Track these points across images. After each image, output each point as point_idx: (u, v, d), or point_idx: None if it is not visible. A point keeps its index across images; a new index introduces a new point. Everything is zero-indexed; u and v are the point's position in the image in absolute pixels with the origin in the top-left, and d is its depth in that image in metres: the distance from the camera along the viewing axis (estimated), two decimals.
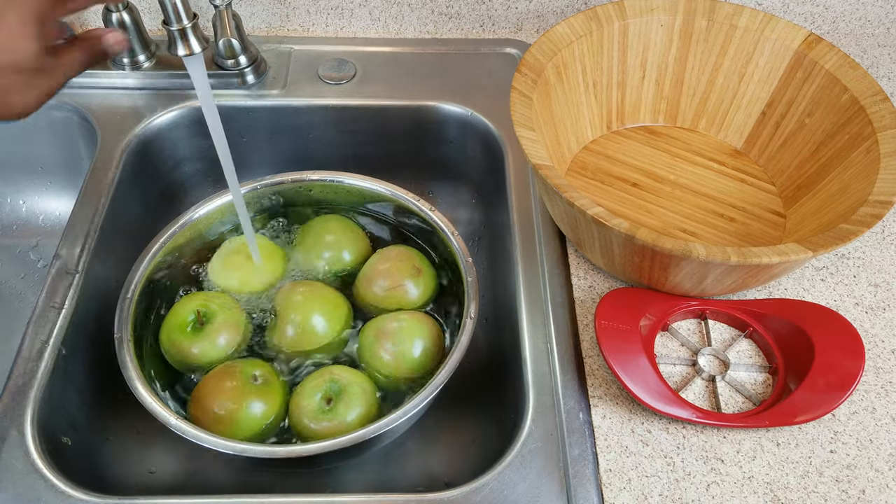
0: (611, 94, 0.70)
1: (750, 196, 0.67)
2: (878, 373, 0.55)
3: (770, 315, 0.57)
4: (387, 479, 0.62)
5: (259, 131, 0.76)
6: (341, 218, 0.67)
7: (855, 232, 0.50)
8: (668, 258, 0.51)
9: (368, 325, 0.60)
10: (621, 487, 0.49)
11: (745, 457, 0.51)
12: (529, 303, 0.59)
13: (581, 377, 0.55)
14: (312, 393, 0.55)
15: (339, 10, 0.80)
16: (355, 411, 0.54)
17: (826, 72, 0.62)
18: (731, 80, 0.68)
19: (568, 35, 0.64)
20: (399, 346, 0.57)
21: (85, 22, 0.81)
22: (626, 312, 0.56)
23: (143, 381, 0.52)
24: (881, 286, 0.61)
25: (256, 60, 0.74)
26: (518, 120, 0.57)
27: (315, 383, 0.55)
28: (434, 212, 0.62)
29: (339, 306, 0.61)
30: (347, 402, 0.54)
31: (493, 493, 0.49)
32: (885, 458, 0.51)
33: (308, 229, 0.66)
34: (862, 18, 0.82)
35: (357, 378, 0.56)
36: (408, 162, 0.79)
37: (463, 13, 0.80)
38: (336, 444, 0.49)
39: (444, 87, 0.76)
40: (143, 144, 0.71)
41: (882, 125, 0.57)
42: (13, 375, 0.54)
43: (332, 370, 0.56)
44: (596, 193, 0.67)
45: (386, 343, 0.57)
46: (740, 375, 0.56)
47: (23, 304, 0.75)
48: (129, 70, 0.73)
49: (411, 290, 0.61)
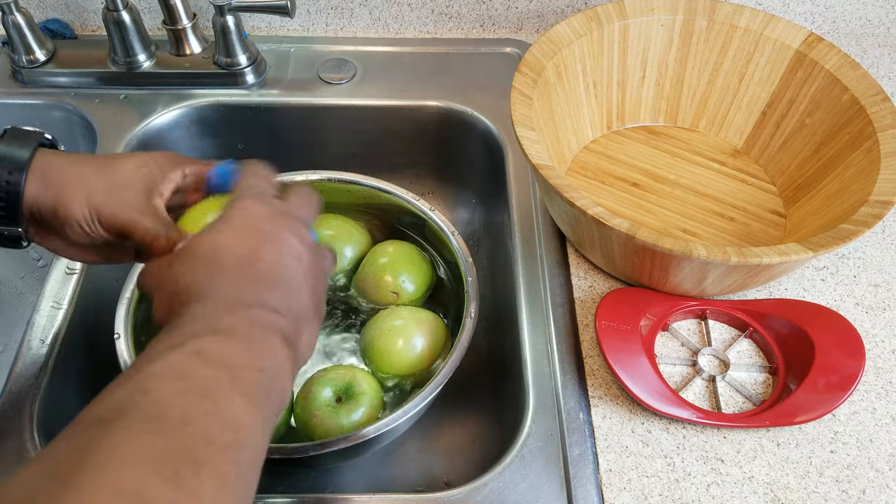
0: (611, 94, 0.70)
1: (750, 196, 0.67)
2: (878, 373, 0.55)
3: (770, 315, 0.57)
4: (387, 479, 0.62)
5: (259, 131, 0.76)
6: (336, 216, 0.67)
7: (855, 232, 0.50)
8: (668, 258, 0.51)
9: (372, 320, 0.60)
10: (621, 487, 0.49)
11: (745, 457, 0.51)
12: (529, 303, 0.59)
13: (581, 377, 0.55)
14: (323, 386, 0.54)
15: (339, 9, 0.80)
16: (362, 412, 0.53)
17: (826, 72, 0.62)
18: (731, 79, 0.68)
19: (568, 35, 0.64)
20: (405, 341, 0.57)
21: (85, 21, 0.81)
22: (626, 312, 0.56)
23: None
24: (881, 286, 0.61)
25: (256, 60, 0.74)
26: (518, 120, 0.57)
27: (328, 377, 0.55)
28: (434, 212, 0.61)
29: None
30: (356, 403, 0.54)
31: (493, 493, 0.49)
32: (885, 459, 0.51)
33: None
34: (862, 18, 0.82)
35: (368, 380, 0.56)
36: (408, 162, 0.79)
37: (463, 13, 0.80)
38: (336, 444, 0.49)
39: (444, 86, 0.75)
40: (143, 144, 0.71)
41: (882, 125, 0.57)
42: (13, 375, 0.54)
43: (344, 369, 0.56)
44: (596, 193, 0.67)
45: (391, 339, 0.57)
46: (740, 375, 0.56)
47: (23, 304, 0.75)
48: (129, 70, 0.73)
49: (407, 285, 0.61)
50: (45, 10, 0.79)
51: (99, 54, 0.74)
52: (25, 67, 0.72)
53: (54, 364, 0.55)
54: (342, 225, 0.66)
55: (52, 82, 0.73)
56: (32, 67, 0.73)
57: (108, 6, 0.69)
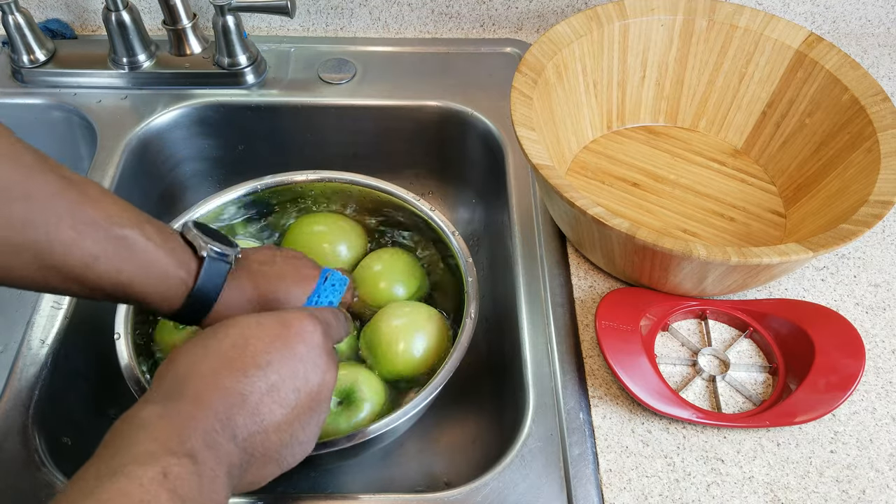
0: (611, 94, 0.70)
1: (750, 196, 0.67)
2: (878, 373, 0.55)
3: (770, 315, 0.57)
4: (387, 479, 0.62)
5: (259, 131, 0.76)
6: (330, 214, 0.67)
7: (855, 232, 0.50)
8: (668, 258, 0.51)
9: (373, 320, 0.59)
10: (621, 487, 0.49)
11: (745, 457, 0.51)
12: (529, 303, 0.59)
13: (581, 377, 0.55)
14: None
15: (339, 9, 0.80)
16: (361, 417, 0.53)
17: (826, 72, 0.62)
18: (731, 79, 0.68)
19: (568, 35, 0.64)
20: (406, 341, 0.57)
21: (85, 21, 0.81)
22: (626, 312, 0.56)
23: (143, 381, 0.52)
24: (881, 286, 0.60)
25: (256, 60, 0.74)
26: (518, 120, 0.57)
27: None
28: (434, 212, 0.61)
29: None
30: (356, 409, 0.54)
31: (493, 493, 0.49)
32: (885, 459, 0.51)
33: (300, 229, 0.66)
34: (862, 18, 0.82)
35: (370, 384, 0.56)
36: (408, 162, 0.79)
37: (463, 13, 0.80)
38: (336, 444, 0.49)
39: (444, 86, 0.75)
40: (143, 144, 0.71)
41: (882, 125, 0.57)
42: (13, 375, 0.54)
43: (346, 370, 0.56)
44: (596, 193, 0.67)
45: (393, 339, 0.57)
46: (740, 375, 0.56)
47: (23, 304, 0.75)
48: (129, 70, 0.73)
49: (400, 292, 0.61)
50: (45, 10, 0.79)
51: (99, 54, 0.74)
52: (25, 67, 0.72)
53: (54, 364, 0.55)
54: (336, 222, 0.65)
55: (52, 82, 0.73)
56: (32, 67, 0.73)
57: (108, 6, 0.69)
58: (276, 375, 0.36)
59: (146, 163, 0.72)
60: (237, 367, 0.35)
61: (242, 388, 0.35)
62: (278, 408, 0.36)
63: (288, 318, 0.39)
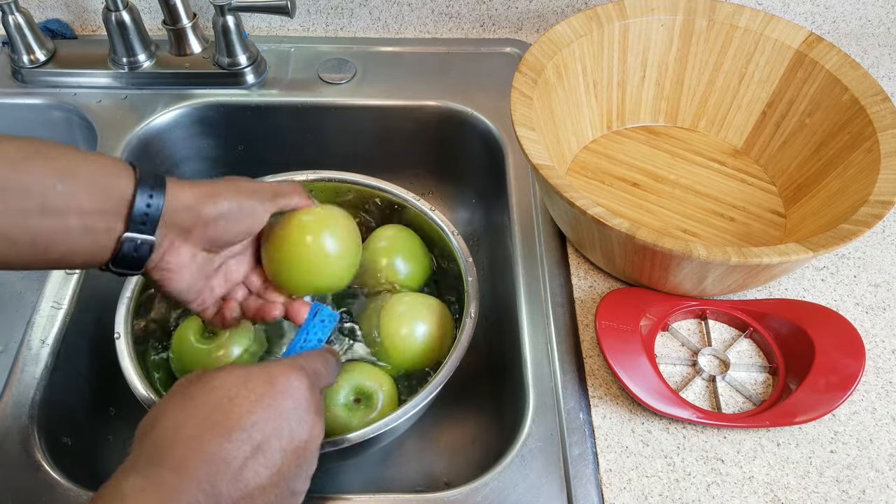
0: (611, 94, 0.70)
1: (750, 196, 0.67)
2: (878, 373, 0.55)
3: (770, 315, 0.57)
4: (387, 479, 0.62)
5: (259, 131, 0.76)
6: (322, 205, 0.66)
7: (855, 232, 0.50)
8: (668, 258, 0.51)
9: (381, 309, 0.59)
10: (621, 487, 0.49)
11: (745, 457, 0.51)
12: (529, 303, 0.59)
13: (581, 377, 0.55)
14: (341, 385, 0.54)
15: (339, 9, 0.80)
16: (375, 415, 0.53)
17: (826, 72, 0.62)
18: (731, 79, 0.68)
19: (568, 35, 0.64)
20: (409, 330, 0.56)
21: (85, 21, 0.81)
22: (626, 312, 0.56)
23: (143, 381, 0.52)
24: (881, 286, 0.61)
25: (256, 60, 0.74)
26: (518, 120, 0.57)
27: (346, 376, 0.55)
28: (434, 212, 0.61)
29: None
30: (372, 405, 0.54)
31: (493, 493, 0.49)
32: (885, 458, 0.51)
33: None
34: (862, 18, 0.82)
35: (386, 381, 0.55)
36: (408, 162, 0.79)
37: (463, 13, 0.80)
38: (335, 444, 0.49)
39: (444, 86, 0.75)
40: (143, 144, 0.71)
41: (882, 125, 0.57)
42: (13, 375, 0.54)
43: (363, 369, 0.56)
44: (596, 193, 0.67)
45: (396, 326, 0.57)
46: (740, 375, 0.56)
47: (23, 304, 0.75)
48: (129, 70, 0.73)
49: (402, 269, 0.61)
50: (45, 10, 0.79)
51: (99, 54, 0.74)
52: (26, 67, 0.72)
53: (54, 364, 0.55)
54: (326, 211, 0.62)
55: (52, 82, 0.73)
56: (33, 67, 0.73)
57: (108, 6, 0.69)
58: (260, 436, 0.36)
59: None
60: (221, 432, 0.35)
61: (226, 453, 0.34)
62: (263, 469, 0.35)
63: (274, 374, 0.38)
